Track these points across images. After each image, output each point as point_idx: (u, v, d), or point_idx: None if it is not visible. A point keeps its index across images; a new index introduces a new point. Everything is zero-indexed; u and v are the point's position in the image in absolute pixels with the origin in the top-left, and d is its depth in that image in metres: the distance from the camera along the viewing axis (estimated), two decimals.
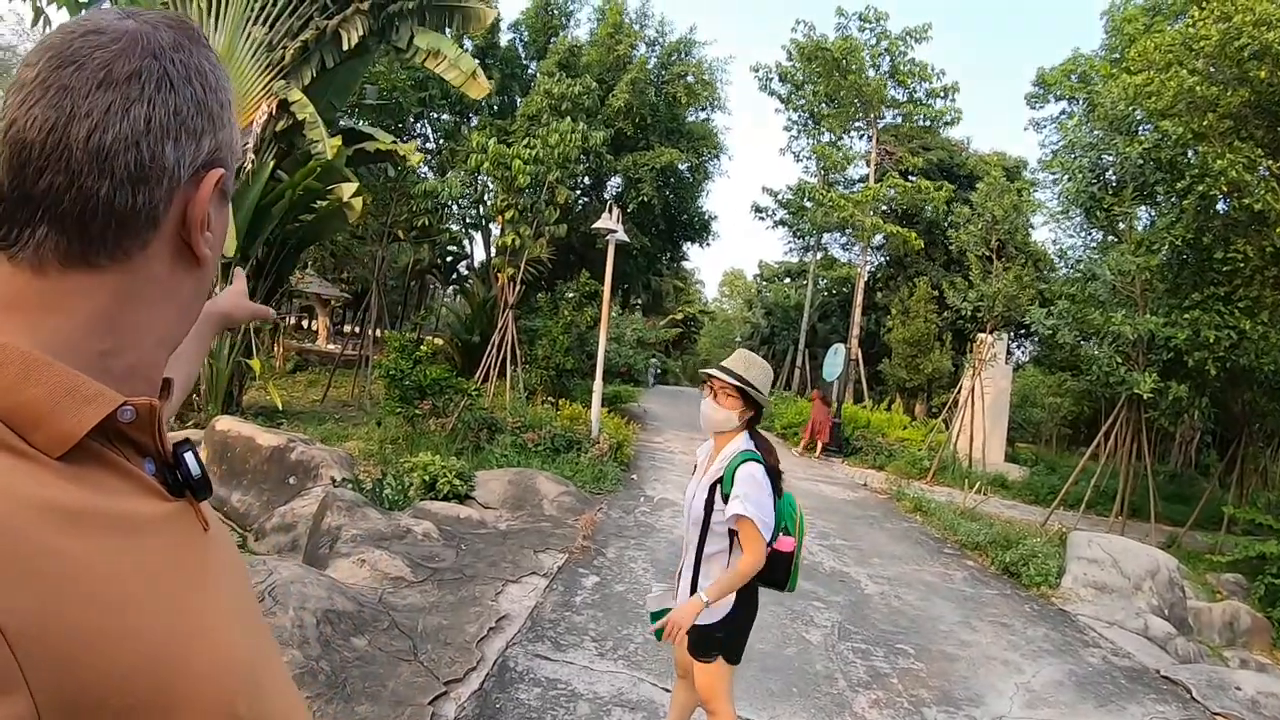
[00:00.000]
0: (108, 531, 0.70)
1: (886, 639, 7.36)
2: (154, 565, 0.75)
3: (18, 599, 0.59)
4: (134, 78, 0.76)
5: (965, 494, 14.89)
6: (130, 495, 0.77)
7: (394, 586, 6.51)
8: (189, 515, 0.85)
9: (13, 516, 0.63)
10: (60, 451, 0.70)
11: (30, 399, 0.70)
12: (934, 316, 30.64)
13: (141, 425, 0.79)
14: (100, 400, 0.74)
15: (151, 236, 0.79)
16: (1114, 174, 14.58)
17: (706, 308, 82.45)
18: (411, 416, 13.95)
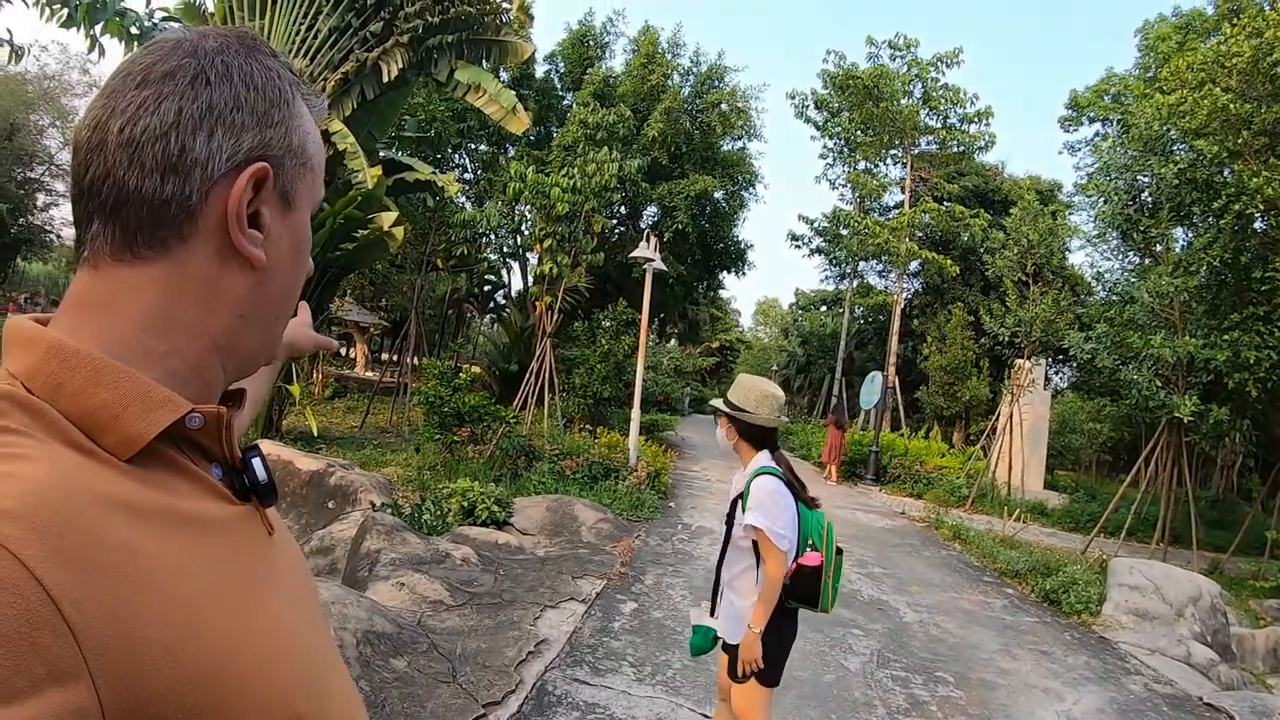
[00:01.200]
0: (174, 530, 0.72)
1: (925, 666, 7.28)
2: (219, 565, 0.76)
3: (85, 590, 0.60)
4: (169, 76, 0.78)
5: (1004, 522, 14.75)
6: (197, 497, 0.78)
7: (433, 610, 6.53)
8: (254, 519, 0.87)
9: (82, 510, 0.64)
10: (129, 454, 0.73)
11: (101, 403, 0.72)
12: (971, 343, 30.32)
13: (209, 432, 0.81)
14: (169, 406, 0.76)
15: (190, 230, 0.80)
16: (1149, 195, 14.44)
17: (743, 336, 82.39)
18: (450, 443, 14.03)
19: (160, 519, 0.71)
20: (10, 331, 0.77)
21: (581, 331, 22.80)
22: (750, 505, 3.78)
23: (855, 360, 40.77)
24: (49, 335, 0.75)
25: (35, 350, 0.74)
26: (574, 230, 17.02)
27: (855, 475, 23.11)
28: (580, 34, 30.70)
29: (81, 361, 0.73)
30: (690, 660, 6.51)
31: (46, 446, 0.68)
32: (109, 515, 0.66)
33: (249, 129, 0.82)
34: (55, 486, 0.64)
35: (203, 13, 16.04)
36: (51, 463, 0.66)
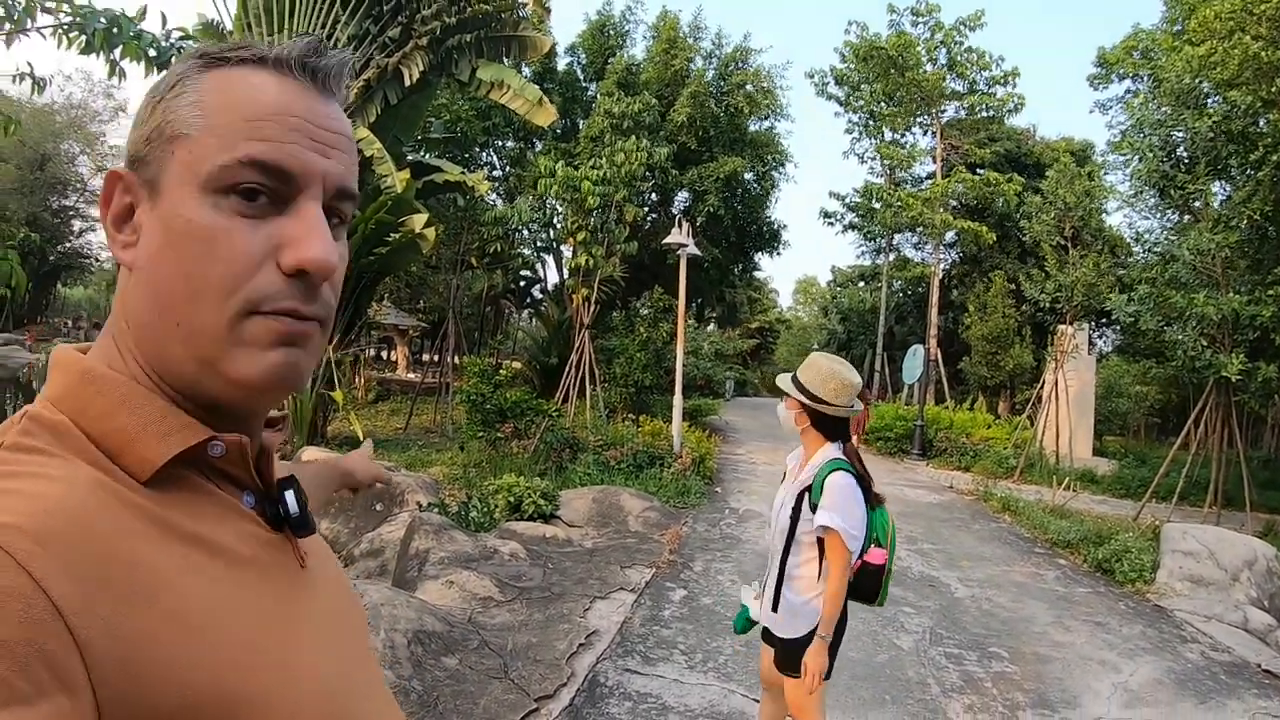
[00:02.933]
0: (189, 551, 0.72)
1: (979, 642, 7.23)
2: (237, 591, 0.76)
3: (91, 604, 0.61)
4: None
5: (1054, 491, 14.59)
6: (219, 522, 0.78)
7: (483, 606, 6.58)
8: (285, 549, 0.86)
9: (95, 528, 0.65)
10: (145, 475, 0.73)
11: (120, 426, 0.74)
12: (1012, 311, 29.94)
13: (232, 460, 0.80)
14: (186, 432, 0.76)
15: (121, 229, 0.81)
16: (1185, 151, 14.19)
17: (782, 316, 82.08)
18: (494, 440, 14.09)
19: (175, 540, 0.71)
20: (54, 358, 0.79)
21: (619, 321, 22.81)
22: (824, 504, 3.62)
23: (896, 335, 40.45)
24: (82, 362, 0.78)
25: (69, 375, 0.77)
26: (606, 221, 17.02)
27: (901, 451, 22.99)
28: (599, 24, 30.62)
29: (105, 386, 0.75)
30: (741, 646, 6.51)
31: (68, 465, 0.69)
32: (122, 534, 0.67)
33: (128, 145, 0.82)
34: (71, 504, 0.65)
35: (220, 30, 16.18)
36: (70, 482, 0.67)
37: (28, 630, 0.57)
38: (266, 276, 0.76)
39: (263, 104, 0.78)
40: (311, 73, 0.82)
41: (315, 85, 0.82)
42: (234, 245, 0.75)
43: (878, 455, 22.99)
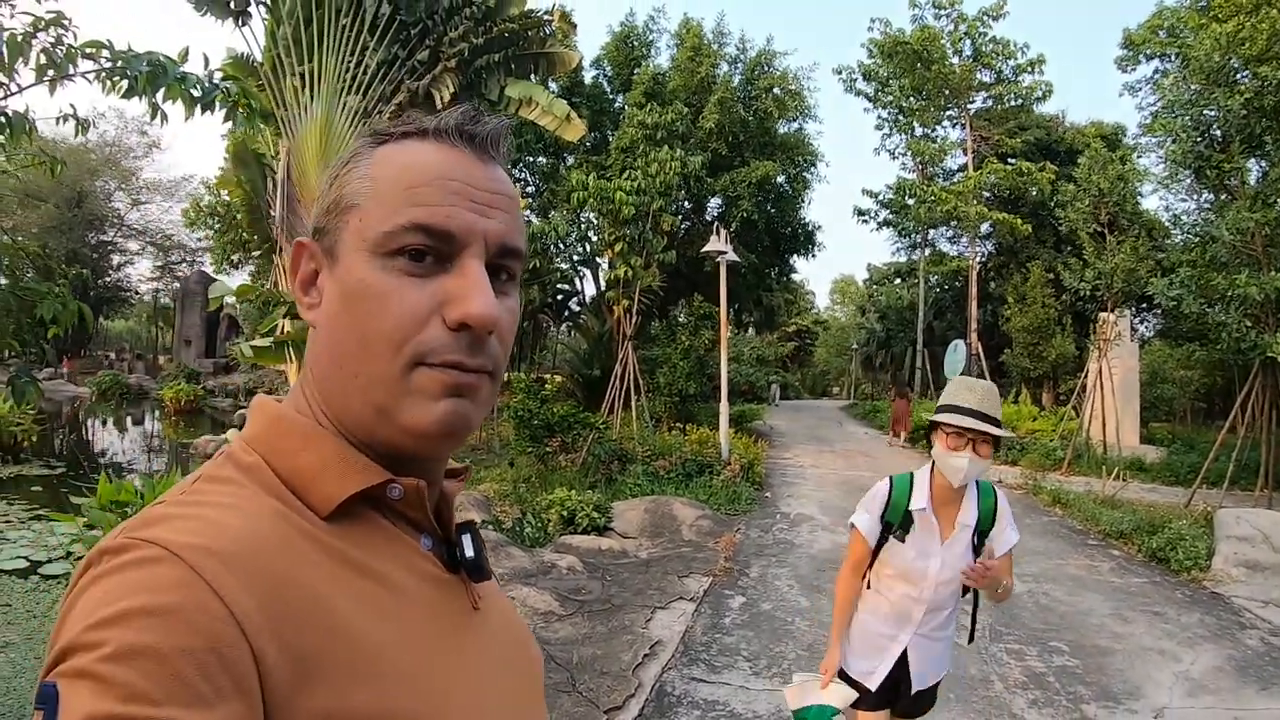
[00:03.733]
0: (363, 581, 0.78)
1: (1039, 637, 7.20)
2: (407, 623, 0.80)
3: (269, 622, 0.66)
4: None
5: (1103, 481, 14.45)
6: (393, 559, 0.83)
7: (545, 621, 6.65)
8: (458, 591, 0.90)
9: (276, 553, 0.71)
10: (326, 511, 0.79)
11: (305, 464, 0.81)
12: (1051, 301, 29.55)
13: (410, 503, 0.85)
14: (364, 474, 0.82)
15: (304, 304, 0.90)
16: (1218, 129, 14.00)
17: (819, 318, 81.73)
18: (542, 454, 14.18)
19: (351, 570, 0.77)
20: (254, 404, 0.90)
21: (660, 330, 22.87)
22: (1008, 523, 3.42)
23: (935, 330, 40.16)
24: (275, 407, 0.87)
25: (263, 419, 0.86)
26: (643, 231, 17.08)
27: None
28: (623, 35, 30.68)
29: (293, 429, 0.84)
30: (804, 650, 6.54)
31: (254, 497, 0.77)
32: (300, 560, 0.73)
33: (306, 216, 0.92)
34: (254, 530, 0.72)
35: (251, 63, 16.41)
36: (255, 512, 0.75)
37: (211, 639, 0.62)
38: (433, 331, 0.81)
39: (423, 171, 0.84)
40: (469, 138, 0.88)
41: (474, 150, 0.88)
42: (403, 302, 0.80)
43: (923, 452, 22.84)
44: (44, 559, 8.97)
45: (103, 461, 18.92)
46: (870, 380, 60.45)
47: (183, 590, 0.63)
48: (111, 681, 0.58)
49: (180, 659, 0.60)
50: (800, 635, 6.95)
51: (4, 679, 5.63)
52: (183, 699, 0.59)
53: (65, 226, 47.33)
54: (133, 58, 4.15)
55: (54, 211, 46.23)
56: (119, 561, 0.66)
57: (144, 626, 0.61)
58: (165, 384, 36.72)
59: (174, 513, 0.72)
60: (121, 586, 0.64)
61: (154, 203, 54.27)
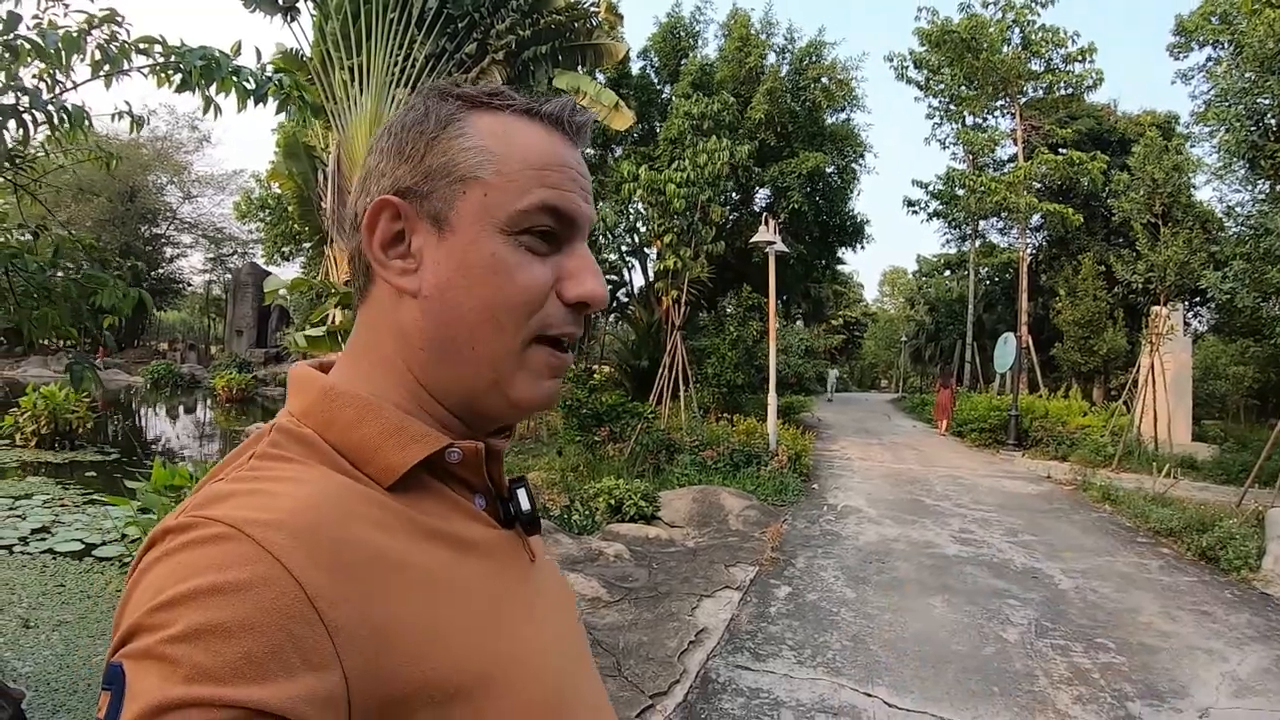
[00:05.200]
0: (429, 544, 0.79)
1: (1084, 634, 7.14)
2: (474, 581, 0.82)
3: (340, 592, 0.67)
4: (372, 150, 0.90)
5: (1154, 479, 14.27)
6: (455, 520, 0.84)
7: (592, 607, 6.72)
8: (516, 545, 0.92)
9: (342, 524, 0.72)
10: (389, 481, 0.80)
11: (363, 436, 0.81)
12: (1103, 294, 29.08)
13: (468, 465, 0.86)
14: (426, 441, 0.82)
15: (369, 274, 0.89)
16: (1273, 118, 13.76)
17: (868, 310, 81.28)
18: (591, 443, 14.27)
19: (417, 535, 0.78)
20: (294, 377, 0.89)
21: (709, 321, 22.90)
22: None
23: (985, 323, 39.74)
24: (322, 380, 0.86)
25: (311, 392, 0.85)
26: (693, 222, 17.10)
27: (996, 442, 22.63)
28: (670, 26, 30.68)
29: (348, 401, 0.83)
30: (849, 641, 6.56)
31: (316, 471, 0.77)
32: (367, 529, 0.73)
33: (386, 174, 0.87)
34: (320, 503, 0.72)
35: (300, 58, 16.58)
36: (319, 484, 0.75)
37: (279, 616, 0.62)
38: (553, 306, 0.87)
39: (546, 155, 0.88)
40: (573, 127, 0.93)
41: (572, 137, 0.93)
42: (532, 278, 0.85)
43: (971, 447, 22.73)
44: (98, 541, 9.14)
45: (156, 448, 19.24)
46: (919, 373, 60.09)
47: (251, 566, 0.64)
48: (179, 662, 0.59)
49: (249, 636, 0.61)
50: (845, 626, 6.97)
51: (59, 655, 5.81)
52: (253, 677, 0.60)
53: (119, 220, 48.40)
54: (186, 52, 4.23)
55: (108, 205, 47.27)
56: (184, 540, 0.66)
57: (212, 605, 0.61)
58: (217, 373, 37.19)
59: (238, 489, 0.72)
60: (188, 565, 0.64)
61: (205, 196, 55.39)
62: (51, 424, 16.60)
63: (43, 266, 4.27)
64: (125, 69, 4.28)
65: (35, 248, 4.38)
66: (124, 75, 4.33)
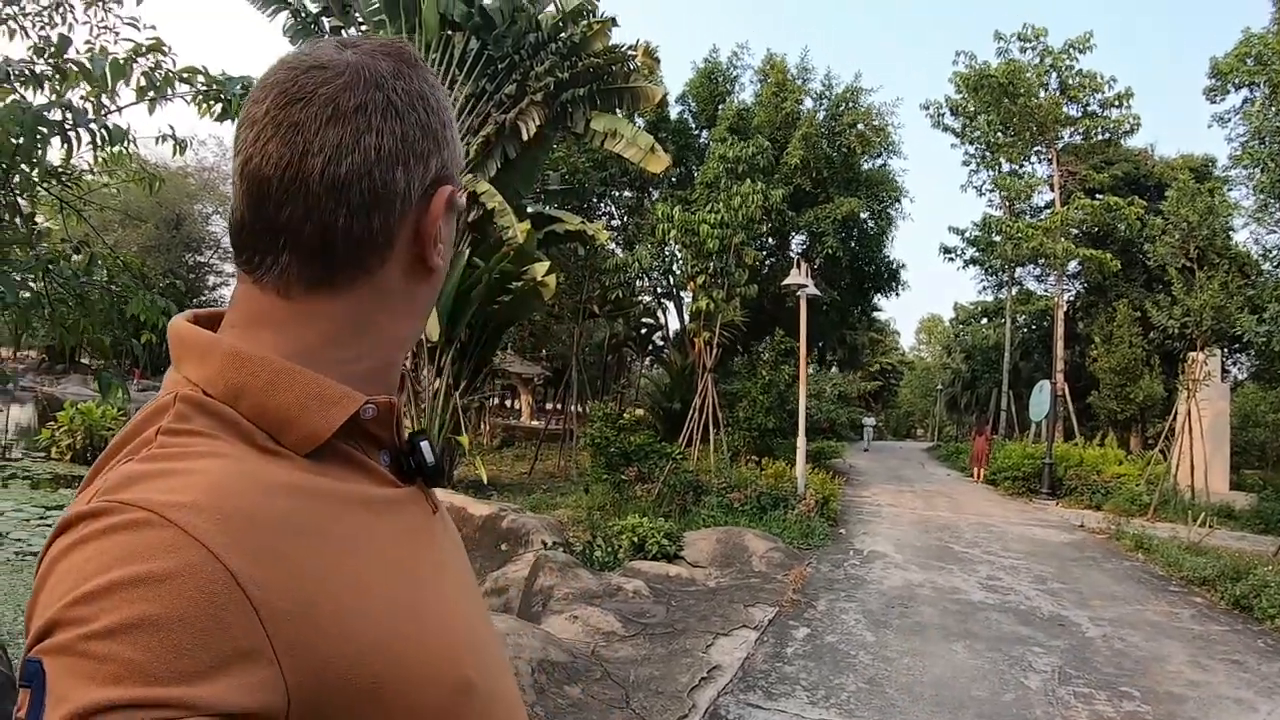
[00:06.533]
0: (349, 513, 0.77)
1: (1110, 682, 7.01)
2: (391, 545, 0.81)
3: (267, 573, 0.65)
4: (360, 110, 0.79)
5: (1189, 528, 14.05)
6: (369, 482, 0.83)
7: (606, 640, 6.68)
8: (419, 499, 0.91)
9: (264, 501, 0.69)
10: (308, 449, 0.77)
11: (279, 404, 0.77)
12: (1139, 340, 28.78)
13: (381, 421, 0.85)
14: (345, 402, 0.80)
15: (388, 255, 0.83)
16: None
17: (905, 358, 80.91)
18: (618, 482, 14.25)
19: (336, 503, 0.76)
20: (183, 338, 0.82)
21: (741, 365, 22.94)
22: None
23: (1021, 371, 39.45)
24: (225, 343, 0.79)
25: (212, 358, 0.78)
26: (726, 265, 17.15)
27: (1030, 490, 22.39)
28: (707, 71, 30.97)
29: (259, 367, 0.77)
30: (864, 684, 6.48)
31: (230, 445, 0.73)
32: (288, 504, 0.71)
33: (433, 153, 0.86)
34: (238, 481, 0.69)
35: None
36: (235, 460, 0.72)
37: (208, 605, 0.60)
38: None
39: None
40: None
41: None
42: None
43: (1005, 495, 22.49)
44: None
45: None
46: (955, 422, 59.66)
47: (175, 554, 0.61)
48: (105, 660, 0.57)
49: (179, 629, 0.59)
50: (862, 668, 6.89)
51: None
52: (186, 672, 0.58)
53: (164, 246, 49.53)
54: (226, 81, 4.33)
55: (154, 231, 48.44)
56: (99, 526, 0.63)
57: (136, 597, 0.59)
58: None
59: (150, 469, 0.69)
60: (106, 554, 0.61)
61: None
62: (87, 439, 17.21)
63: (77, 274, 4.35)
64: (168, 96, 4.38)
65: (74, 260, 4.48)
66: (166, 101, 4.43)
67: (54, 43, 4.29)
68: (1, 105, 4.03)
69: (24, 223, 4.62)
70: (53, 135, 4.14)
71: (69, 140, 4.23)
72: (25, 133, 3.83)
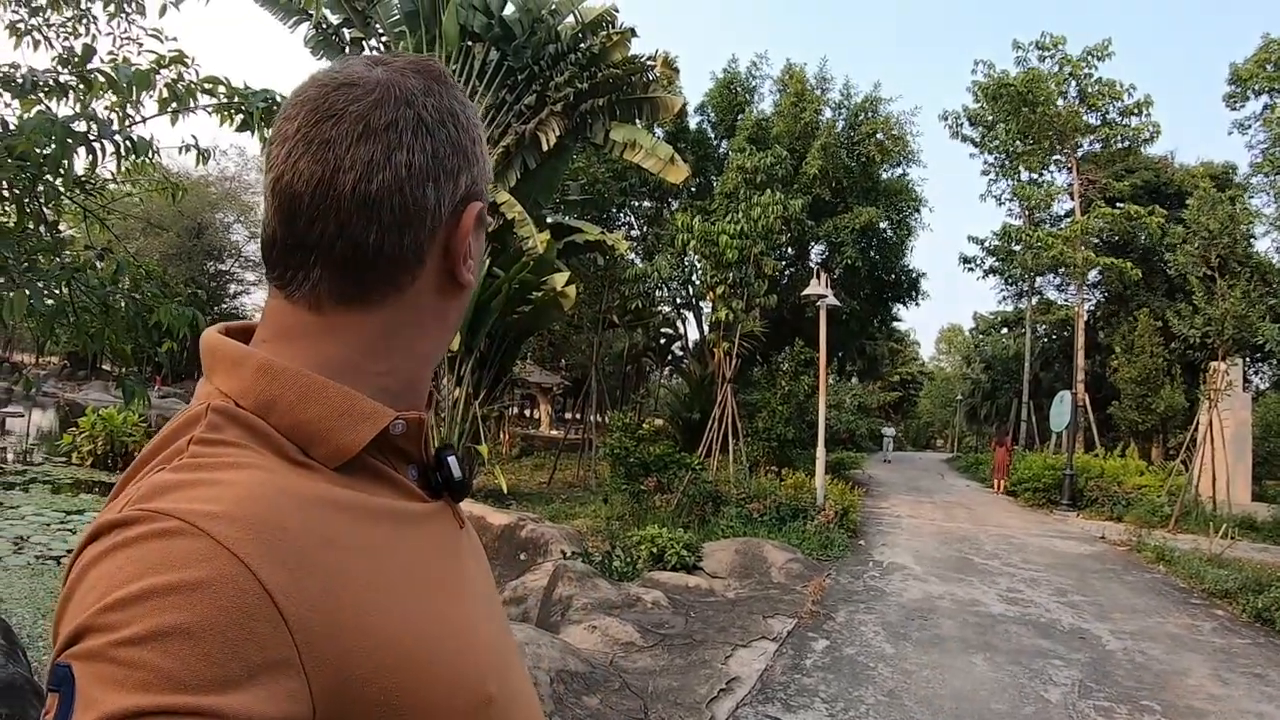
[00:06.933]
0: (378, 526, 0.78)
1: (1130, 695, 6.96)
2: (418, 557, 0.81)
3: (297, 583, 0.65)
4: (391, 127, 0.80)
5: (1211, 540, 13.94)
6: (396, 498, 0.83)
7: (624, 651, 6.69)
8: (447, 514, 0.91)
9: (294, 512, 0.70)
10: (338, 463, 0.78)
11: (310, 417, 0.77)
12: (1160, 350, 28.61)
13: (410, 436, 0.85)
14: (375, 417, 0.80)
15: (419, 271, 0.83)
16: None
17: (924, 368, 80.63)
18: (637, 492, 14.25)
19: (365, 517, 0.77)
20: (215, 350, 0.83)
21: (761, 376, 22.88)
22: None
23: (1042, 381, 39.19)
24: (257, 356, 0.80)
25: (245, 370, 0.79)
26: (745, 275, 17.15)
27: (1050, 501, 22.27)
28: (726, 81, 30.98)
29: (291, 380, 0.78)
30: (884, 696, 6.46)
31: (261, 457, 0.74)
32: (318, 516, 0.72)
33: (463, 170, 0.86)
34: (270, 492, 0.70)
35: None
36: (266, 471, 0.72)
37: (239, 615, 0.60)
38: None
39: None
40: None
41: None
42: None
43: (1025, 506, 22.39)
44: None
45: None
46: (975, 433, 59.40)
47: (207, 563, 0.61)
48: (136, 667, 0.57)
49: (210, 638, 0.59)
50: (881, 681, 6.87)
51: None
52: (216, 681, 0.58)
53: (186, 255, 49.93)
54: (249, 94, 4.36)
55: (176, 240, 48.82)
56: (132, 534, 0.63)
57: (168, 605, 0.59)
58: None
59: (183, 479, 0.69)
60: (139, 562, 0.61)
61: None
62: (108, 445, 17.36)
63: (103, 282, 4.39)
64: (191, 107, 4.42)
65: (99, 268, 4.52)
66: (189, 113, 4.47)
67: (78, 53, 4.34)
68: (28, 116, 4.08)
69: (49, 231, 4.68)
70: (78, 146, 4.19)
71: (93, 151, 4.28)
72: (56, 144, 3.88)
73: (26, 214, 4.44)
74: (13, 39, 5.38)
